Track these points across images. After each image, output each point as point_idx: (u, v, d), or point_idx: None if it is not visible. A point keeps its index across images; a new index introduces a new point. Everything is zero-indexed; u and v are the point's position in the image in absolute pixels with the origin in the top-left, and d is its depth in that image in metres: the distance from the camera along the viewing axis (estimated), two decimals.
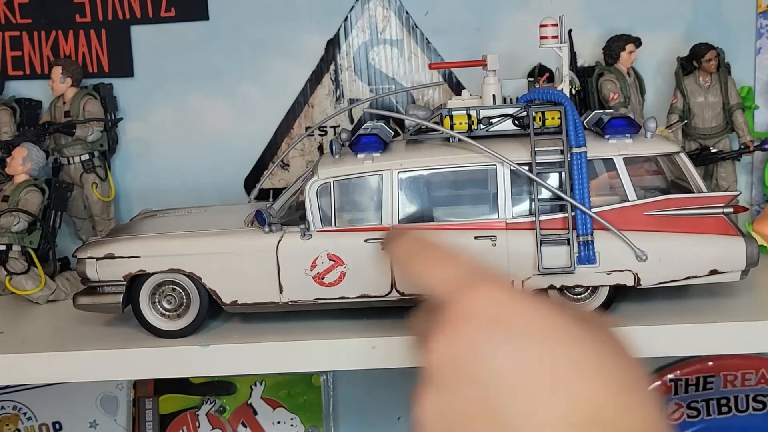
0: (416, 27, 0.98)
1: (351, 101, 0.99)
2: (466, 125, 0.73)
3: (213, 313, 0.76)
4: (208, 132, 1.01)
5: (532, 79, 0.88)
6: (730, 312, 0.72)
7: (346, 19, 0.99)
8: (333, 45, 0.99)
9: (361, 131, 0.76)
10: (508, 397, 0.42)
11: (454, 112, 0.73)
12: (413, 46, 0.98)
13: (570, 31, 0.95)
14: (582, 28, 0.95)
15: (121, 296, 0.75)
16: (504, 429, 0.42)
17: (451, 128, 0.73)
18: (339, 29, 0.99)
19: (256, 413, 1.07)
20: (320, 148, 1.00)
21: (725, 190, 0.92)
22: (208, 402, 1.08)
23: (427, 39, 0.98)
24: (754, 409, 1.05)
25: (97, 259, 0.75)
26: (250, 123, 1.01)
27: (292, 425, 1.06)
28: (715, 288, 0.75)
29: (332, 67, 1.00)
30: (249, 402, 1.07)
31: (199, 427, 1.08)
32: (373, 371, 0.74)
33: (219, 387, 1.07)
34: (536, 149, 0.71)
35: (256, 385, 1.06)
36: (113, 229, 0.88)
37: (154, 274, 0.75)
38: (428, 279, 0.47)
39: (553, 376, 0.42)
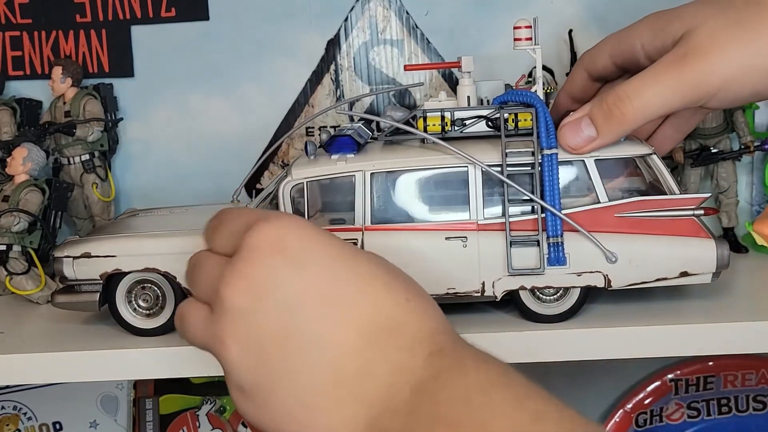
0: (416, 27, 0.98)
1: (350, 101, 0.99)
2: (440, 127, 0.73)
3: None
4: (208, 132, 1.01)
5: (531, 80, 0.88)
6: (729, 312, 0.72)
7: (346, 19, 0.99)
8: (333, 45, 0.99)
9: (336, 132, 0.76)
10: (303, 318, 0.46)
11: (428, 114, 0.74)
12: (413, 46, 0.98)
13: (570, 31, 0.95)
14: (582, 28, 0.95)
15: (98, 295, 0.76)
16: (303, 349, 0.46)
17: (425, 130, 0.73)
18: (339, 29, 0.99)
19: None
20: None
21: (726, 190, 0.92)
22: (208, 402, 1.08)
23: (427, 39, 0.98)
24: (755, 409, 1.05)
25: (74, 258, 0.75)
26: (250, 123, 1.01)
27: None
28: (714, 288, 0.75)
29: (332, 67, 1.00)
30: None
31: (199, 427, 1.08)
32: None
33: (219, 387, 1.07)
34: (507, 151, 0.71)
35: None
36: (94, 228, 0.88)
37: (130, 273, 0.75)
38: (220, 236, 0.52)
39: (340, 292, 0.46)
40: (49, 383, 1.04)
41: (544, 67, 0.93)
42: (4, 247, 0.87)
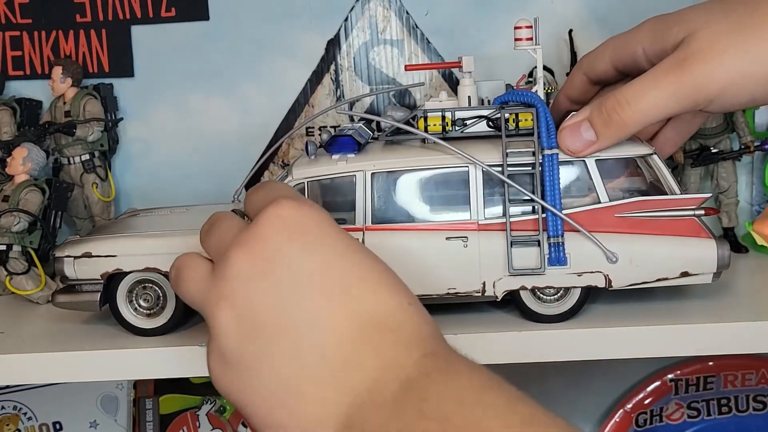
0: (416, 27, 0.98)
1: (351, 101, 0.99)
2: (441, 127, 0.73)
3: (189, 312, 0.77)
4: (208, 132, 1.01)
5: (531, 80, 0.88)
6: (730, 312, 0.72)
7: (346, 19, 0.99)
8: (333, 45, 0.99)
9: (336, 132, 0.76)
10: (304, 299, 0.46)
11: (429, 114, 0.74)
12: (413, 46, 0.98)
13: (570, 31, 0.95)
14: (582, 29, 0.95)
15: (99, 295, 0.76)
16: (296, 329, 0.46)
17: (426, 130, 0.73)
18: (339, 29, 0.99)
19: None
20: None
21: (726, 190, 0.92)
22: (208, 402, 1.08)
23: (427, 39, 0.98)
24: (755, 409, 1.05)
25: (75, 257, 0.75)
26: (250, 123, 1.01)
27: None
28: (715, 288, 0.75)
29: (332, 67, 1.00)
30: None
31: (199, 427, 1.08)
32: None
33: None
34: (508, 151, 0.71)
35: None
36: (94, 228, 0.88)
37: (130, 272, 0.75)
38: (254, 200, 0.53)
39: (347, 284, 0.46)
40: (49, 383, 1.04)
41: (545, 67, 0.93)
42: (4, 247, 0.87)
